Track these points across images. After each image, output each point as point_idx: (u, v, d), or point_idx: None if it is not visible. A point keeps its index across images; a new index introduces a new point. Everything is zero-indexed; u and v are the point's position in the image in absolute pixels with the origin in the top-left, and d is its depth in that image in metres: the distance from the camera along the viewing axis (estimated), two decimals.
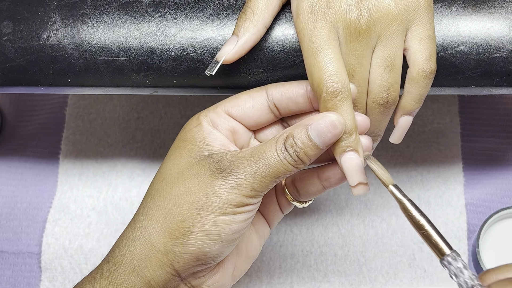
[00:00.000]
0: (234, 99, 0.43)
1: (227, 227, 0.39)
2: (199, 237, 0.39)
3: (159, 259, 0.40)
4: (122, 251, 0.41)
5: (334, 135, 0.39)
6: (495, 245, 0.58)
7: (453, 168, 0.62)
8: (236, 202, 0.39)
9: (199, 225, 0.39)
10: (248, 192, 0.39)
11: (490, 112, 0.64)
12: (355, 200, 0.62)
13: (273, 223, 0.47)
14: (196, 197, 0.39)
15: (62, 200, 0.64)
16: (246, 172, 0.39)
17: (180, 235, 0.39)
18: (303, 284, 0.60)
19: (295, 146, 0.39)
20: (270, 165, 0.39)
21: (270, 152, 0.39)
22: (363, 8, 0.40)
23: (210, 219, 0.39)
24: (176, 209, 0.40)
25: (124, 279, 0.40)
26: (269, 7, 0.43)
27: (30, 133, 0.67)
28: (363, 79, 0.41)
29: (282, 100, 0.42)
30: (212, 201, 0.39)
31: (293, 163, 0.39)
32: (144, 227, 0.40)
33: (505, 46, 0.44)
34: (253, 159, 0.39)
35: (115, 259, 0.41)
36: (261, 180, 0.39)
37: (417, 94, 0.42)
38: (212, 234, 0.39)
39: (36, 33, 0.46)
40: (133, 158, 0.65)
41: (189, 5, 0.46)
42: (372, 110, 0.42)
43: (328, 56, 0.39)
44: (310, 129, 0.39)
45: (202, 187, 0.39)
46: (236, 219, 0.39)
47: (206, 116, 0.43)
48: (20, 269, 0.62)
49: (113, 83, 0.47)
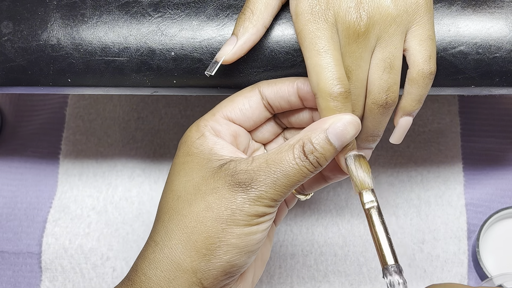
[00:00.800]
0: (230, 103, 0.43)
1: (252, 238, 0.39)
2: (227, 251, 0.39)
3: (187, 279, 0.39)
4: (147, 274, 0.40)
5: (352, 136, 0.39)
6: (495, 245, 0.58)
7: (453, 168, 0.62)
8: (259, 213, 0.39)
9: (226, 239, 0.38)
10: (270, 203, 0.39)
11: (490, 112, 0.64)
12: (355, 200, 0.62)
13: (279, 219, 0.47)
14: (219, 212, 0.39)
15: (62, 200, 0.64)
16: (266, 184, 0.38)
17: (207, 252, 0.39)
18: (303, 284, 0.60)
19: (315, 152, 0.38)
20: (290, 174, 0.38)
21: (288, 161, 0.38)
22: (363, 10, 0.40)
23: (236, 232, 0.38)
24: (200, 227, 0.39)
25: None
26: (269, 7, 0.42)
27: (30, 133, 0.67)
28: (359, 80, 0.41)
29: (275, 99, 0.42)
30: (236, 215, 0.38)
31: (313, 169, 0.39)
32: (168, 248, 0.40)
33: (505, 46, 0.44)
34: (270, 169, 0.38)
35: (140, 282, 0.40)
36: (280, 190, 0.38)
37: (417, 95, 0.42)
38: (239, 246, 0.39)
39: (36, 33, 0.46)
40: (133, 158, 0.65)
41: (189, 5, 0.46)
42: (372, 111, 0.42)
43: (332, 57, 0.39)
44: (328, 132, 0.38)
45: (224, 202, 0.39)
46: (260, 229, 0.39)
47: (206, 126, 0.42)
48: (21, 269, 0.62)
49: (113, 83, 0.47)
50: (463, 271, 0.59)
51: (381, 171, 0.63)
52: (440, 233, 0.60)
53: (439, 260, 0.59)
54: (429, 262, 0.59)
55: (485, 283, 0.54)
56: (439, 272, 0.59)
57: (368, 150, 0.45)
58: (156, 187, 0.64)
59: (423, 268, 0.59)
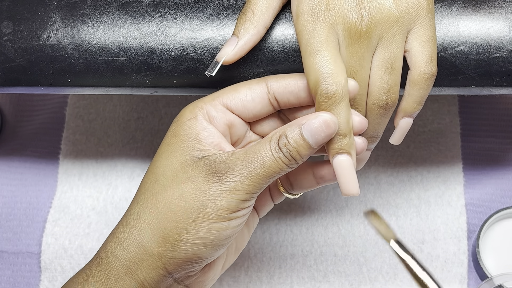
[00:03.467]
0: (232, 91, 0.42)
1: (221, 233, 0.39)
2: (194, 244, 0.39)
3: (153, 262, 0.40)
4: (114, 252, 0.41)
5: (327, 135, 0.39)
6: (495, 245, 0.58)
7: (453, 168, 0.62)
8: (232, 207, 0.39)
9: (193, 232, 0.39)
10: (244, 195, 0.39)
11: (490, 112, 0.64)
12: (355, 200, 0.62)
13: (263, 211, 0.47)
14: (191, 203, 0.39)
15: (62, 200, 0.64)
16: (242, 174, 0.38)
17: (174, 241, 0.39)
18: (303, 284, 0.60)
19: (288, 145, 0.39)
20: (266, 165, 0.38)
21: (264, 152, 0.39)
22: (364, 10, 0.40)
23: (205, 226, 0.39)
24: (170, 215, 0.39)
25: (117, 281, 0.40)
26: (270, 8, 0.42)
27: (30, 133, 0.67)
28: (363, 81, 0.41)
29: (283, 94, 0.42)
30: (207, 208, 0.39)
31: (287, 162, 0.39)
32: (137, 230, 0.40)
33: (505, 46, 0.44)
34: (248, 159, 0.39)
35: (107, 260, 0.41)
36: (256, 181, 0.39)
37: (418, 96, 0.42)
38: (206, 240, 0.39)
39: (36, 33, 0.46)
40: (133, 158, 0.65)
41: (189, 5, 0.46)
42: (372, 112, 0.42)
43: (324, 57, 0.39)
44: (303, 128, 0.39)
45: (197, 192, 0.39)
46: (231, 225, 0.39)
47: (202, 109, 0.42)
48: (20, 269, 0.62)
49: (113, 83, 0.47)
50: (463, 271, 0.59)
51: (381, 171, 0.63)
52: (440, 233, 0.60)
53: (439, 260, 0.59)
54: (429, 262, 0.59)
55: (485, 283, 0.54)
56: (439, 272, 0.59)
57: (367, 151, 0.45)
58: None
59: None
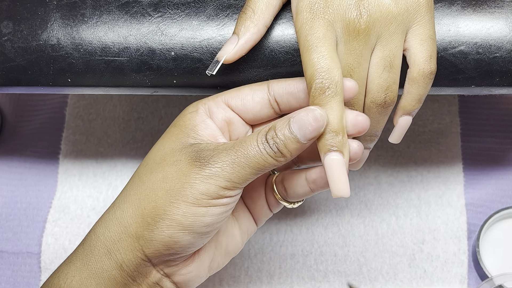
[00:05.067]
0: (235, 91, 0.43)
1: (199, 219, 0.39)
2: (170, 226, 0.39)
3: (130, 243, 0.40)
4: (97, 232, 0.41)
5: (315, 129, 0.38)
6: (495, 245, 0.58)
7: (453, 168, 0.62)
8: (211, 192, 0.38)
9: (171, 213, 0.39)
10: (224, 183, 0.38)
11: (490, 112, 0.64)
12: (355, 200, 0.62)
13: (261, 220, 0.47)
14: (172, 185, 0.39)
15: (62, 200, 0.64)
16: (224, 161, 0.38)
17: (151, 222, 0.39)
18: (303, 284, 0.60)
19: (275, 137, 0.39)
20: (249, 155, 0.38)
21: (250, 142, 0.39)
22: (363, 8, 0.40)
23: (182, 209, 0.39)
24: (151, 195, 0.39)
25: (97, 261, 0.40)
26: (270, 7, 0.42)
27: (30, 133, 0.67)
28: (361, 78, 0.41)
29: (283, 95, 0.42)
30: (186, 190, 0.39)
31: (273, 155, 0.39)
32: (120, 210, 0.41)
33: (505, 46, 0.44)
34: (233, 149, 0.39)
35: (90, 241, 0.41)
36: (238, 171, 0.38)
37: (417, 94, 0.42)
38: (183, 224, 0.39)
39: (36, 33, 0.46)
40: (133, 158, 0.65)
41: (189, 5, 0.46)
42: (370, 110, 0.42)
43: (321, 53, 0.39)
44: (292, 121, 0.39)
45: (179, 174, 0.39)
46: (210, 212, 0.39)
47: (204, 104, 0.43)
48: (20, 269, 0.62)
49: (113, 83, 0.47)
50: (463, 271, 0.59)
51: (381, 171, 0.63)
52: (440, 233, 0.60)
53: (439, 260, 0.59)
54: (429, 262, 0.59)
55: (485, 283, 0.54)
56: (439, 272, 0.59)
57: (366, 150, 0.45)
58: None
59: (423, 268, 0.59)
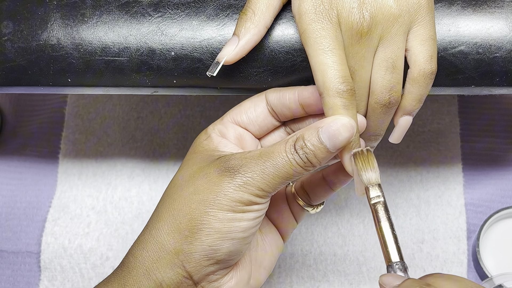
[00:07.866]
0: (238, 108, 0.44)
1: (236, 224, 0.39)
2: (209, 234, 0.39)
3: (170, 260, 0.39)
4: (135, 254, 0.41)
5: (346, 138, 0.39)
6: (495, 245, 0.59)
7: (452, 168, 0.62)
8: (244, 200, 0.39)
9: (208, 222, 0.39)
10: (255, 191, 0.39)
11: (490, 112, 0.64)
12: (355, 200, 0.62)
13: (287, 233, 0.47)
14: (204, 195, 0.39)
15: (62, 199, 0.64)
16: (254, 171, 0.39)
17: (189, 234, 0.39)
18: (302, 283, 0.60)
19: (305, 148, 0.39)
20: (278, 165, 0.39)
21: (278, 152, 0.39)
22: (365, 10, 0.40)
23: (219, 216, 0.39)
24: (185, 209, 0.40)
25: (135, 282, 0.40)
26: (270, 8, 0.42)
27: (30, 132, 0.67)
28: (363, 81, 0.41)
29: (277, 105, 0.43)
30: (219, 199, 0.39)
31: (302, 164, 0.39)
32: (155, 229, 0.40)
33: (505, 46, 0.44)
34: (261, 158, 0.39)
35: (127, 263, 0.41)
36: (268, 180, 0.39)
37: (418, 95, 0.42)
38: (221, 231, 0.39)
39: (36, 33, 0.46)
40: (132, 157, 0.65)
41: (189, 5, 0.46)
42: (374, 111, 0.42)
43: (337, 56, 0.39)
44: (321, 131, 0.39)
45: (210, 185, 0.39)
46: (245, 217, 0.39)
47: (214, 129, 0.43)
48: (20, 269, 0.62)
49: (113, 83, 0.47)
50: (463, 270, 0.59)
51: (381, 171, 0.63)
52: (439, 233, 0.60)
53: (438, 260, 0.59)
54: (429, 262, 0.59)
55: (485, 283, 0.54)
56: (438, 271, 0.59)
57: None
58: (155, 187, 0.64)
59: (422, 267, 0.59)
